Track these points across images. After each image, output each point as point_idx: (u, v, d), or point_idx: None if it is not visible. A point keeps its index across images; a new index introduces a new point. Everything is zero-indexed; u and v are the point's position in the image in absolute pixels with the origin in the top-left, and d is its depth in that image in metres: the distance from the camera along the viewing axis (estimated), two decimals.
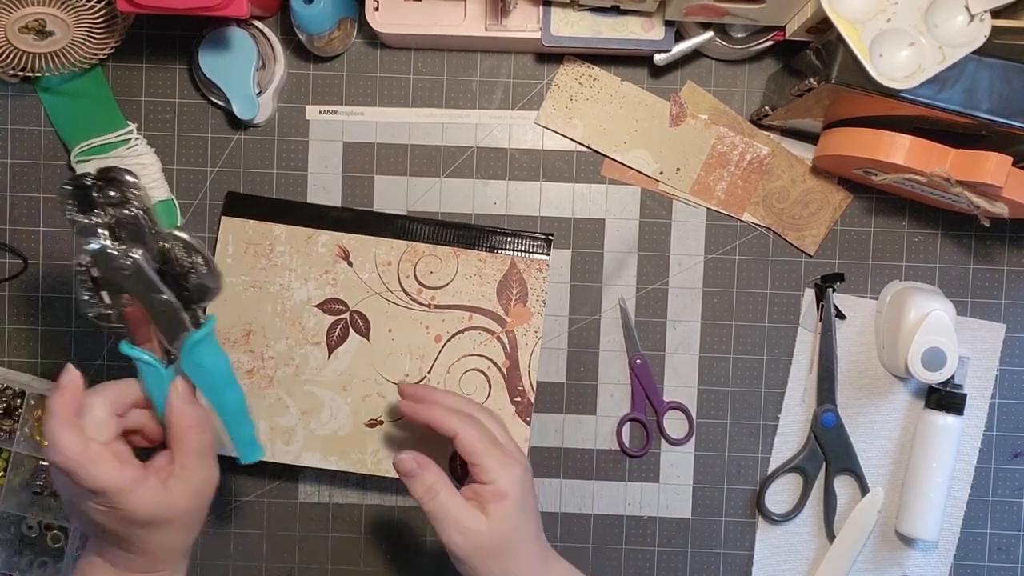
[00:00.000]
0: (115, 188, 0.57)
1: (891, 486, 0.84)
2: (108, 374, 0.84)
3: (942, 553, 0.85)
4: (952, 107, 0.67)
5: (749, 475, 0.85)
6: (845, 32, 0.65)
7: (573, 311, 0.84)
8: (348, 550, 0.85)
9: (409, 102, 0.84)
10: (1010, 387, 0.85)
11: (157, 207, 0.83)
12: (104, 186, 0.57)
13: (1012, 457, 0.85)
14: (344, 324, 0.82)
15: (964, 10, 0.65)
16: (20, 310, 0.85)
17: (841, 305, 0.84)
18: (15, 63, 0.77)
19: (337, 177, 0.84)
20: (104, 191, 0.58)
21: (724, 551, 0.85)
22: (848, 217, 0.84)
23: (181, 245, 0.60)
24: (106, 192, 0.57)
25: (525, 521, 0.66)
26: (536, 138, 0.84)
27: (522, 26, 0.79)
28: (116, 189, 0.57)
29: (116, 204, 0.58)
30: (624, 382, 0.85)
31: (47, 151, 0.84)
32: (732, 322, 0.85)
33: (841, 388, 0.84)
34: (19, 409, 0.81)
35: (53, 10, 0.73)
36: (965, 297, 0.84)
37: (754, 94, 0.84)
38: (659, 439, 0.85)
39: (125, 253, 0.59)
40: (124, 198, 0.58)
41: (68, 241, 0.84)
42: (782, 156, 0.84)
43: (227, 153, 0.84)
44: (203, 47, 0.79)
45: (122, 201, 0.58)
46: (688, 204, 0.84)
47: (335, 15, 0.77)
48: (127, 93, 0.84)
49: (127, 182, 0.57)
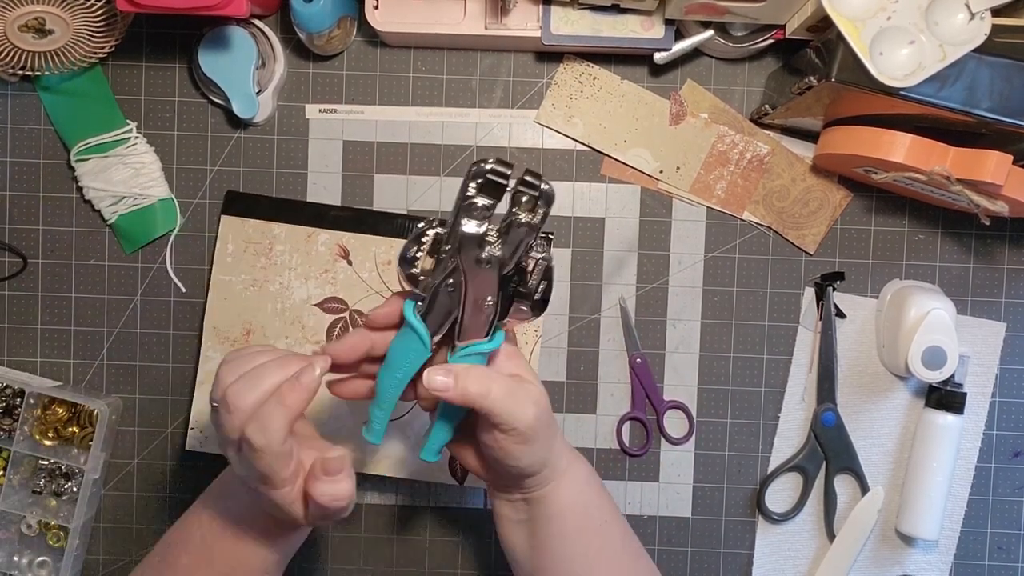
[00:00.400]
0: (529, 195, 0.57)
1: (891, 485, 0.84)
2: (108, 374, 0.84)
3: (942, 552, 0.85)
4: (952, 105, 0.67)
5: (749, 474, 0.85)
6: (845, 30, 0.65)
7: (573, 310, 0.84)
8: (348, 550, 0.85)
9: (409, 101, 0.84)
10: (1010, 386, 0.85)
11: (157, 206, 0.83)
12: (525, 188, 0.58)
13: (1012, 456, 0.85)
14: (344, 323, 0.82)
15: (964, 8, 0.65)
16: (20, 310, 0.85)
17: (841, 304, 0.84)
18: (15, 62, 0.77)
19: (337, 176, 0.84)
20: (522, 193, 0.58)
21: (724, 550, 0.85)
22: (848, 216, 0.84)
23: (542, 267, 0.60)
24: (522, 194, 0.58)
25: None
26: (536, 137, 0.84)
27: (522, 25, 0.79)
28: (531, 197, 0.57)
29: (523, 209, 0.58)
30: (624, 381, 0.85)
31: (47, 150, 0.84)
32: (732, 321, 0.84)
33: (841, 387, 0.84)
34: (19, 408, 0.81)
35: (53, 8, 0.73)
36: (965, 296, 0.84)
37: (754, 93, 0.84)
38: (659, 438, 0.85)
39: (493, 248, 0.58)
40: (534, 207, 0.58)
41: (68, 240, 0.84)
42: (782, 155, 0.84)
43: (227, 152, 0.84)
44: (203, 46, 0.79)
45: (530, 208, 0.58)
46: (688, 203, 0.84)
47: (335, 14, 0.77)
48: (127, 92, 0.84)
49: (548, 195, 0.58)
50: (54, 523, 0.83)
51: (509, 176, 0.58)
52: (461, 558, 0.86)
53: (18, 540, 0.84)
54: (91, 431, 0.82)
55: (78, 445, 0.83)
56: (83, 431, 0.83)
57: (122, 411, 0.85)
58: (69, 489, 0.83)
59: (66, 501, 0.83)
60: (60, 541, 0.83)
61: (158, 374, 0.85)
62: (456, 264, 0.59)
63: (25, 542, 0.84)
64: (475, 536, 0.85)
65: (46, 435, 0.82)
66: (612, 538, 0.68)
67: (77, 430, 0.83)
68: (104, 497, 0.85)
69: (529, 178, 0.58)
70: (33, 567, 0.84)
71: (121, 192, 0.82)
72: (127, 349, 0.85)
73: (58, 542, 0.84)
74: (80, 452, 0.83)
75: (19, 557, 0.84)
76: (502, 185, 0.58)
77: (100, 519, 0.85)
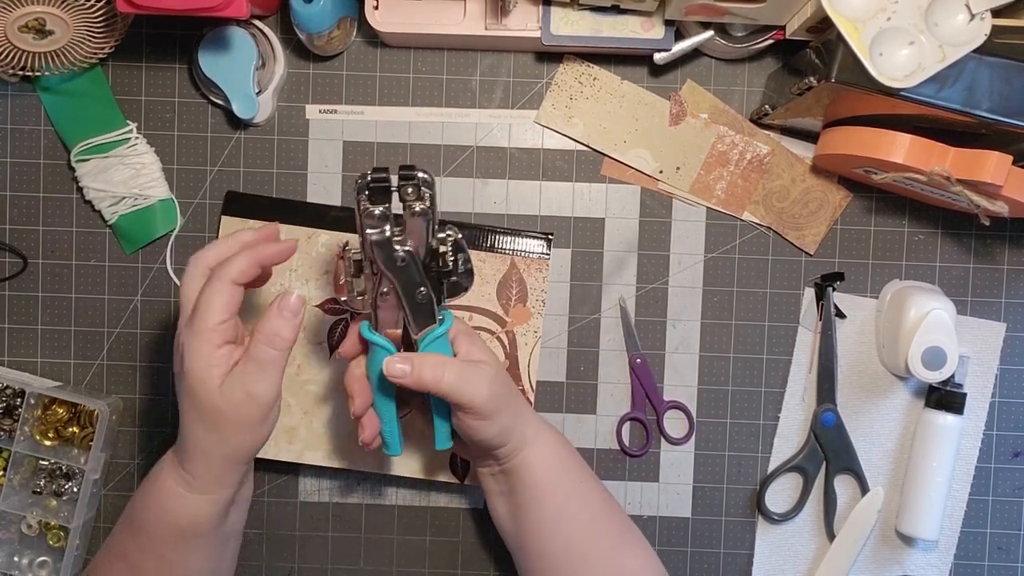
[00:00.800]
0: (412, 186, 0.61)
1: (891, 485, 0.84)
2: (108, 374, 0.84)
3: (942, 552, 0.85)
4: (952, 106, 0.67)
5: (749, 475, 0.85)
6: (845, 31, 0.65)
7: (573, 310, 0.84)
8: (348, 550, 0.85)
9: (409, 101, 0.84)
10: (1010, 386, 0.85)
11: (157, 206, 0.83)
12: (404, 182, 0.61)
13: (1012, 456, 0.85)
14: (345, 324, 0.82)
15: (964, 9, 0.65)
16: (20, 310, 0.85)
17: (841, 304, 0.84)
18: (15, 62, 0.77)
19: (337, 176, 0.84)
20: (403, 187, 0.61)
21: (724, 551, 0.85)
22: (848, 216, 0.84)
23: (452, 243, 0.64)
24: (404, 188, 0.61)
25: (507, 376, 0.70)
26: (536, 137, 0.84)
27: (522, 25, 0.79)
28: (414, 187, 0.61)
29: (411, 200, 0.61)
30: (624, 381, 0.85)
31: (47, 150, 0.84)
32: (732, 321, 0.85)
33: (841, 387, 0.84)
34: (19, 408, 0.81)
35: (53, 9, 0.73)
36: (965, 296, 0.84)
37: (754, 93, 0.84)
38: (659, 439, 0.85)
39: (403, 245, 0.62)
40: (419, 195, 0.61)
41: (68, 240, 0.84)
42: (782, 155, 0.84)
43: (227, 152, 0.84)
44: (203, 46, 0.79)
45: (416, 198, 0.61)
46: (688, 203, 0.84)
47: (335, 14, 0.77)
48: (127, 92, 0.84)
49: (426, 180, 0.61)
50: (54, 523, 0.83)
51: (387, 177, 0.62)
52: (461, 558, 0.86)
53: (18, 540, 0.84)
54: (91, 431, 0.82)
55: (78, 445, 0.83)
56: (83, 431, 0.83)
57: (122, 411, 0.85)
58: (69, 489, 0.83)
59: (66, 501, 0.83)
60: (60, 541, 0.84)
61: (158, 374, 0.85)
62: (379, 272, 0.63)
63: (25, 542, 0.84)
64: (475, 536, 0.86)
65: (46, 435, 0.83)
66: (590, 499, 0.72)
67: (77, 430, 0.83)
68: (104, 497, 0.85)
69: (404, 172, 0.62)
70: (33, 567, 0.84)
71: (121, 192, 0.82)
72: (127, 349, 0.85)
73: (58, 542, 0.84)
74: (80, 452, 0.83)
75: (19, 557, 0.84)
76: (387, 187, 0.62)
77: (100, 519, 0.85)
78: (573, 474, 0.71)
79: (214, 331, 0.62)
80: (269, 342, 0.62)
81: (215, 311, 0.62)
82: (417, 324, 0.65)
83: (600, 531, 0.71)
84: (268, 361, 0.62)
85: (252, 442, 0.64)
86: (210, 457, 0.64)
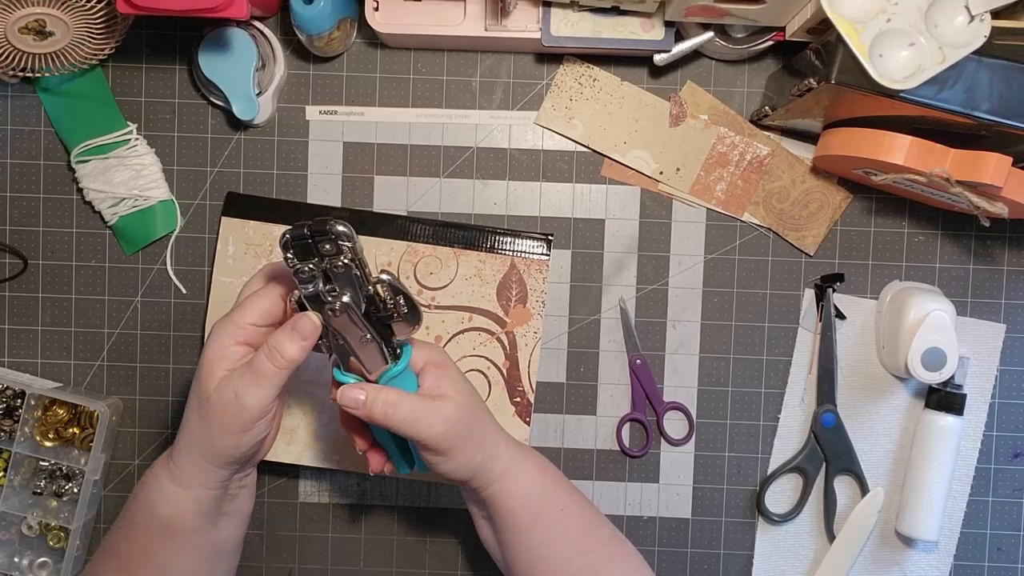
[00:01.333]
0: (329, 241, 0.60)
1: (891, 486, 0.84)
2: (108, 374, 0.85)
3: (942, 553, 0.85)
4: (952, 107, 0.67)
5: (749, 475, 0.85)
6: (845, 32, 0.65)
7: (573, 311, 0.84)
8: (348, 550, 0.85)
9: (409, 102, 0.84)
10: (1010, 387, 0.85)
11: (157, 207, 0.83)
12: (319, 239, 0.60)
13: (1012, 457, 0.85)
14: None
15: (964, 10, 0.65)
16: (20, 310, 0.85)
17: (841, 305, 0.84)
18: (15, 63, 0.77)
19: (337, 177, 0.84)
20: (319, 243, 0.61)
21: (724, 551, 0.85)
22: (848, 217, 0.84)
23: (387, 287, 0.63)
24: (322, 244, 0.61)
25: (477, 401, 0.69)
26: (536, 138, 0.84)
27: (522, 26, 0.79)
28: (330, 242, 0.60)
29: (331, 255, 0.61)
30: (624, 382, 0.85)
31: (47, 151, 0.84)
32: (732, 322, 0.85)
33: (841, 388, 0.84)
34: (19, 409, 0.81)
35: (53, 11, 0.73)
36: (965, 297, 0.84)
37: (754, 94, 0.84)
38: (659, 439, 0.85)
39: (338, 297, 0.62)
40: (338, 249, 0.61)
41: (68, 241, 0.84)
42: (782, 156, 0.84)
43: (227, 153, 0.84)
44: (203, 47, 0.79)
45: (336, 252, 0.61)
46: (688, 204, 0.84)
47: (335, 15, 0.77)
48: (127, 93, 0.84)
49: (340, 233, 0.60)
50: (55, 524, 0.83)
51: (306, 235, 0.61)
52: (461, 558, 0.86)
53: (19, 541, 0.84)
54: (92, 432, 0.82)
55: (79, 446, 0.83)
56: (84, 432, 0.83)
57: (122, 412, 0.85)
58: (70, 490, 0.83)
59: (67, 502, 0.83)
60: (61, 542, 0.84)
61: (158, 376, 0.85)
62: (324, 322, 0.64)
63: (26, 543, 0.84)
64: (475, 536, 0.85)
65: (47, 436, 0.83)
66: (571, 524, 0.70)
67: (78, 431, 0.83)
68: (105, 498, 0.85)
69: (316, 229, 0.61)
70: (34, 568, 0.84)
71: (121, 193, 0.82)
72: (127, 350, 0.85)
73: (59, 543, 0.84)
74: (81, 453, 0.83)
75: (20, 558, 0.84)
76: (308, 244, 0.61)
77: (101, 520, 0.85)
78: (553, 500, 0.70)
79: (240, 328, 0.63)
80: (271, 356, 0.62)
81: (251, 311, 0.64)
82: (369, 368, 0.65)
83: (588, 549, 0.70)
84: (264, 373, 0.62)
85: (231, 447, 0.64)
86: (195, 451, 0.64)
